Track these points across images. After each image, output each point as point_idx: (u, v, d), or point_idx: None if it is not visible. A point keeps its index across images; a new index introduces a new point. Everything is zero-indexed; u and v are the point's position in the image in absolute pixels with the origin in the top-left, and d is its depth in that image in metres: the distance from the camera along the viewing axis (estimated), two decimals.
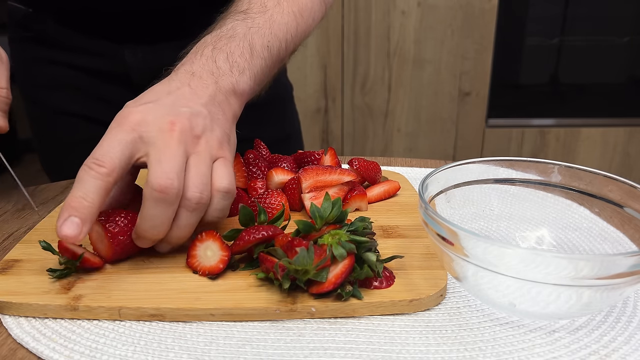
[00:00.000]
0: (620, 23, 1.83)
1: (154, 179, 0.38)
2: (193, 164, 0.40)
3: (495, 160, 0.45)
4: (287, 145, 0.84)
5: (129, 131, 0.39)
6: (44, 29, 0.71)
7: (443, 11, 1.74)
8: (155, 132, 0.40)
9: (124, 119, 0.40)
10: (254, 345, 0.35)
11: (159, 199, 0.38)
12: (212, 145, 0.42)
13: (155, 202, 0.38)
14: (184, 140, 0.40)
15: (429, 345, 0.34)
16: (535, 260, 0.32)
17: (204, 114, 0.43)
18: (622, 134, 1.87)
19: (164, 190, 0.38)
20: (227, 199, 0.42)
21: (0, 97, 0.49)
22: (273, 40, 0.53)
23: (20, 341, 0.35)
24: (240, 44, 0.49)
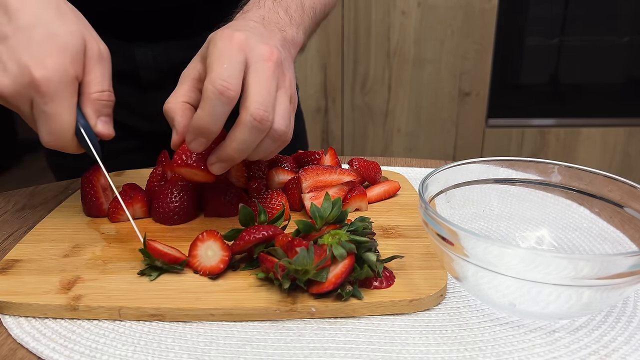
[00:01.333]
0: (620, 23, 1.83)
1: (255, 108, 0.40)
2: (281, 98, 0.43)
3: (495, 160, 0.45)
4: (292, 145, 0.84)
5: (240, 51, 0.41)
6: None
7: (443, 11, 1.74)
8: (257, 57, 0.42)
9: (231, 39, 0.42)
10: (254, 345, 0.35)
11: (254, 126, 0.40)
12: (292, 81, 0.45)
13: (251, 128, 0.40)
14: (277, 73, 0.42)
15: (429, 345, 0.34)
16: (535, 260, 0.32)
17: (285, 54, 0.45)
18: (622, 134, 1.87)
19: (262, 121, 0.40)
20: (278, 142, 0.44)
21: (103, 102, 0.45)
22: (316, 2, 0.57)
23: (20, 341, 0.35)
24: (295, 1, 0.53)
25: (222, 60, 0.40)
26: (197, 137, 0.42)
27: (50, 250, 0.44)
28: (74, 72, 0.43)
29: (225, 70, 0.40)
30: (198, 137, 0.42)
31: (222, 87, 0.39)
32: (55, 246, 0.45)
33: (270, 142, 0.43)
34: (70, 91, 0.42)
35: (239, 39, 0.42)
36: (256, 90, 0.41)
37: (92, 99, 0.44)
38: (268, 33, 0.46)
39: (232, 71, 0.40)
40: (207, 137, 0.42)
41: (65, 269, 0.41)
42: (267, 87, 0.41)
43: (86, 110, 0.44)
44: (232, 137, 0.41)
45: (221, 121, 0.41)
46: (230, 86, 0.40)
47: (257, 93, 0.40)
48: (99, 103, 0.45)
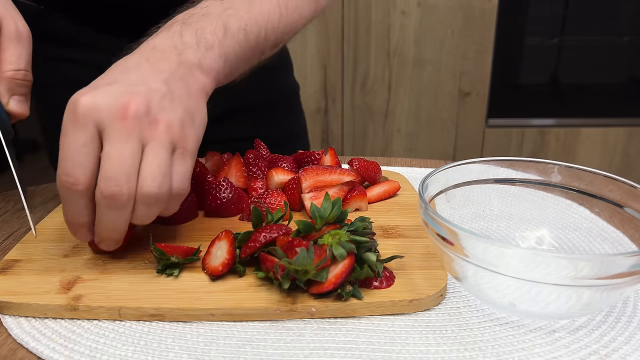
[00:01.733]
0: (620, 23, 1.83)
1: (103, 184, 0.36)
2: (151, 153, 0.37)
3: (495, 160, 0.45)
4: (294, 145, 0.84)
5: (84, 125, 0.36)
6: (55, 27, 0.71)
7: (443, 11, 1.74)
8: (108, 119, 0.37)
9: (75, 109, 0.37)
10: (254, 345, 0.35)
11: (109, 205, 0.37)
12: (173, 128, 0.39)
13: (107, 207, 0.37)
14: (139, 128, 0.37)
15: (429, 345, 0.34)
16: (535, 260, 0.32)
17: (163, 92, 0.39)
18: (622, 134, 1.87)
19: (113, 197, 0.36)
20: (176, 201, 0.40)
21: (17, 80, 0.43)
22: (251, 25, 0.49)
23: (20, 341, 0.35)
24: (213, 22, 0.46)
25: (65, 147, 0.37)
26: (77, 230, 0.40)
27: (50, 250, 0.44)
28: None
29: (68, 160, 0.37)
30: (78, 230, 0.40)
31: (66, 184, 0.37)
32: (55, 246, 0.45)
33: (145, 207, 0.38)
34: None
35: (82, 106, 0.37)
36: (105, 165, 0.36)
37: (5, 77, 0.43)
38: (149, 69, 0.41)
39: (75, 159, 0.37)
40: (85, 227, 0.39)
41: (65, 269, 0.41)
42: (117, 155, 0.36)
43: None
44: (97, 219, 0.38)
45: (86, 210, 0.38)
46: (74, 180, 0.37)
47: (104, 168, 0.36)
48: (12, 81, 0.44)
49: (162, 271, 0.41)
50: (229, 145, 0.65)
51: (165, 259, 0.40)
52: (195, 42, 0.44)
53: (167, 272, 0.40)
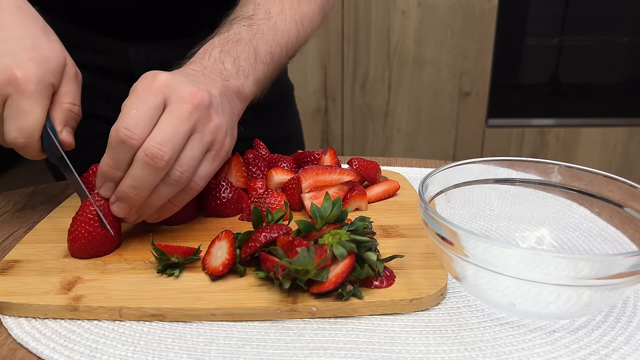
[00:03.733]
0: (620, 23, 1.83)
1: (150, 144, 0.40)
2: (193, 142, 0.42)
3: (495, 160, 0.45)
4: (288, 145, 0.84)
5: (158, 94, 0.41)
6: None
7: (443, 11, 1.74)
8: (176, 98, 0.41)
9: (151, 81, 0.42)
10: (254, 345, 0.35)
11: (146, 163, 0.40)
12: (219, 131, 0.44)
13: (143, 165, 0.40)
14: (196, 116, 0.42)
15: (429, 345, 0.34)
16: (535, 260, 0.32)
17: (219, 100, 0.45)
18: (622, 134, 1.87)
19: (153, 158, 0.39)
20: (188, 194, 0.44)
21: (71, 114, 0.47)
22: (275, 47, 0.54)
23: (20, 341, 0.35)
24: (246, 49, 0.51)
25: (133, 105, 0.41)
26: (104, 182, 0.43)
27: (50, 250, 0.44)
28: (52, 80, 0.45)
29: (132, 117, 0.40)
30: (105, 182, 0.42)
31: (124, 136, 0.40)
32: (56, 246, 0.45)
33: (165, 187, 0.41)
34: (46, 94, 0.44)
35: (160, 80, 0.42)
36: (159, 129, 0.40)
37: (63, 108, 0.47)
38: (205, 80, 0.46)
39: (140, 118, 0.40)
40: (114, 182, 0.42)
41: (66, 269, 0.41)
42: (173, 127, 0.40)
43: (55, 117, 0.46)
44: (127, 173, 0.41)
45: (125, 166, 0.41)
46: (133, 135, 0.40)
47: (159, 132, 0.40)
48: (68, 113, 0.47)
49: (162, 271, 0.41)
50: None
51: (165, 259, 0.40)
52: (236, 71, 0.49)
53: (168, 272, 0.40)
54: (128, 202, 0.42)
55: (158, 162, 0.40)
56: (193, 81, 0.44)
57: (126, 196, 0.41)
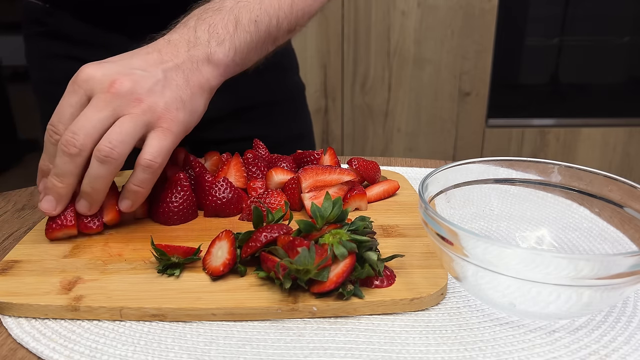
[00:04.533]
0: (620, 23, 1.83)
1: (65, 134, 0.43)
2: (118, 123, 0.43)
3: (495, 160, 0.45)
4: (298, 145, 0.85)
5: (77, 90, 0.44)
6: (60, 24, 0.71)
7: (443, 11, 1.74)
8: (97, 89, 0.43)
9: (76, 76, 0.44)
10: (254, 345, 0.35)
11: (62, 151, 0.43)
12: (155, 109, 0.44)
13: (60, 153, 0.43)
14: (117, 102, 0.43)
15: (429, 345, 0.34)
16: (535, 260, 0.32)
17: (158, 78, 0.45)
18: (622, 134, 1.87)
19: (66, 145, 0.42)
20: (146, 173, 0.45)
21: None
22: (262, 16, 0.53)
23: (20, 341, 0.35)
24: (225, 17, 0.51)
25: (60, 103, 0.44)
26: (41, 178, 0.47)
27: (50, 250, 0.44)
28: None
29: (56, 114, 0.44)
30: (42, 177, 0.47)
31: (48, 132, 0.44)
32: (55, 247, 0.45)
33: (97, 163, 0.43)
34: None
35: (82, 75, 0.44)
36: (76, 120, 0.43)
37: None
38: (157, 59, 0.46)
39: (62, 115, 0.44)
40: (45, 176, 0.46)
41: (66, 270, 0.41)
42: (88, 115, 0.43)
43: None
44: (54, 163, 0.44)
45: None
46: (57, 130, 0.44)
47: (75, 122, 0.43)
48: None
49: (162, 271, 0.41)
50: (237, 145, 0.65)
51: (165, 259, 0.40)
52: (207, 38, 0.49)
53: (168, 272, 0.40)
54: (54, 193, 0.44)
55: (71, 148, 0.42)
56: (126, 66, 0.45)
57: (52, 185, 0.44)
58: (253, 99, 0.78)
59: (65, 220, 0.45)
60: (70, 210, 0.46)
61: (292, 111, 0.86)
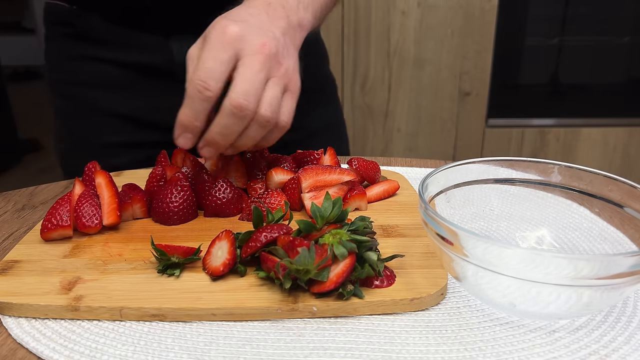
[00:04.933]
0: (620, 23, 1.83)
1: (235, 96, 0.44)
2: (271, 86, 0.46)
3: (495, 160, 0.45)
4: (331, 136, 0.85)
5: (229, 48, 0.44)
6: (88, 25, 0.70)
7: (443, 11, 1.74)
8: (249, 51, 0.45)
9: (223, 33, 0.45)
10: (254, 345, 0.35)
11: (233, 113, 0.44)
12: (289, 72, 0.48)
13: (230, 115, 0.44)
14: (269, 64, 0.45)
15: (429, 345, 0.34)
16: (535, 260, 0.32)
17: (283, 42, 0.48)
18: (622, 134, 1.87)
19: (239, 107, 0.44)
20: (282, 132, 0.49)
21: None
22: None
23: (20, 341, 0.35)
24: None
25: (208, 59, 0.44)
26: (183, 133, 0.47)
27: (50, 250, 0.44)
28: None
29: (207, 69, 0.44)
30: (184, 133, 0.47)
31: (200, 87, 0.44)
32: (55, 247, 0.45)
33: (257, 127, 0.46)
34: None
35: (231, 33, 0.44)
36: (239, 81, 0.44)
37: None
38: (269, 21, 0.48)
39: (213, 71, 0.44)
40: (192, 133, 0.47)
41: (66, 270, 0.41)
42: (251, 77, 0.44)
43: None
44: (215, 122, 0.45)
45: (203, 116, 0.45)
46: (208, 86, 0.44)
47: (239, 83, 0.44)
48: None
49: (162, 271, 0.41)
50: None
51: (165, 259, 0.40)
52: (297, 4, 0.51)
53: (168, 272, 0.40)
54: (216, 147, 0.47)
55: (244, 111, 0.44)
56: (260, 28, 0.46)
57: (215, 142, 0.46)
58: None
59: (61, 221, 0.45)
60: (66, 210, 0.46)
61: (324, 102, 0.86)
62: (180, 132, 0.47)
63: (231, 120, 0.45)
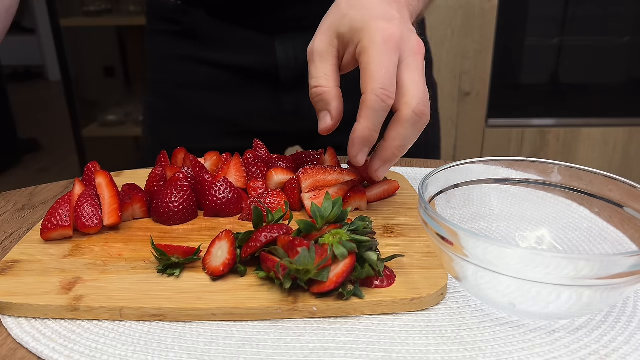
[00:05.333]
0: (620, 23, 1.83)
1: (416, 104, 0.41)
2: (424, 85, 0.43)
3: (495, 160, 0.45)
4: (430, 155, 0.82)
5: (396, 51, 0.42)
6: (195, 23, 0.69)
7: (443, 11, 1.74)
8: (409, 52, 0.43)
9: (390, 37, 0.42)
10: (254, 345, 0.35)
11: (416, 122, 0.42)
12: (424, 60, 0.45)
13: (413, 124, 0.42)
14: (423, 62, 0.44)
15: (429, 345, 0.34)
16: (535, 260, 0.32)
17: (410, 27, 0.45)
18: (622, 134, 1.87)
19: (422, 115, 0.42)
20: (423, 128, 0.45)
21: None
22: None
23: (20, 341, 0.35)
24: None
25: (382, 65, 0.41)
26: (363, 148, 0.44)
27: (50, 250, 0.44)
28: None
29: (385, 76, 0.41)
30: (364, 148, 0.44)
31: (383, 96, 0.41)
32: (55, 247, 0.45)
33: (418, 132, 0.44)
34: None
35: (395, 36, 0.42)
36: (413, 87, 0.42)
37: None
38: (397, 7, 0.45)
39: (391, 77, 0.41)
40: (370, 146, 0.44)
41: (66, 270, 0.41)
42: (422, 83, 0.42)
43: None
44: (394, 135, 0.43)
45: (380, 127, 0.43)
46: (390, 94, 0.41)
47: (415, 89, 0.42)
48: None
49: (163, 271, 0.41)
50: None
51: (165, 259, 0.40)
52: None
53: (168, 272, 0.40)
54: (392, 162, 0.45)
55: (425, 118, 0.42)
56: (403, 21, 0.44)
57: (394, 157, 0.44)
58: None
59: (61, 221, 0.45)
60: (66, 210, 0.46)
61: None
62: (361, 148, 0.44)
63: (412, 130, 0.42)
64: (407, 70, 0.42)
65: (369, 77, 0.41)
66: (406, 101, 0.41)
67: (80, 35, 2.15)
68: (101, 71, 2.31)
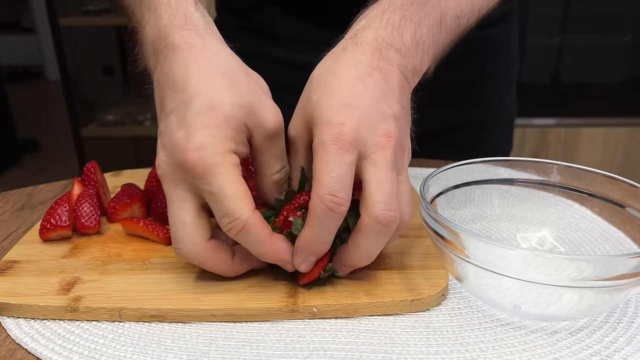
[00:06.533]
0: (621, 22, 1.83)
1: (379, 211, 0.34)
2: (403, 184, 0.37)
3: (495, 160, 0.45)
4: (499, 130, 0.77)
5: (350, 150, 0.35)
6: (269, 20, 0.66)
7: None
8: (373, 147, 0.36)
9: (339, 132, 0.35)
10: (254, 346, 0.34)
11: (381, 231, 0.35)
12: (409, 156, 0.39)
13: (378, 233, 0.35)
14: (397, 158, 0.37)
15: (430, 346, 0.34)
16: (536, 261, 0.32)
17: (402, 116, 0.38)
18: (623, 134, 1.87)
19: (389, 223, 0.35)
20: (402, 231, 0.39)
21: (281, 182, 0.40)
22: (466, 10, 0.44)
23: (19, 342, 0.35)
24: (431, 14, 0.42)
25: (327, 166, 0.35)
26: (307, 257, 0.37)
27: (49, 251, 0.44)
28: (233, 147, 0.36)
29: (332, 180, 0.34)
30: (308, 257, 0.37)
31: (331, 204, 0.34)
32: (54, 247, 0.45)
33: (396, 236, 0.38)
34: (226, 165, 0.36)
35: (349, 130, 0.35)
36: (377, 188, 0.35)
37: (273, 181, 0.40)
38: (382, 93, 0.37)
39: (340, 180, 0.34)
40: (317, 257, 0.38)
41: (65, 270, 0.41)
42: (389, 181, 0.35)
43: None
44: (356, 244, 0.36)
45: (332, 236, 0.37)
46: (341, 201, 0.34)
47: (379, 192, 0.35)
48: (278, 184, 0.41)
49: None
50: None
51: None
52: (415, 45, 0.40)
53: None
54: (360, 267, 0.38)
55: (392, 224, 0.35)
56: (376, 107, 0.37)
57: (358, 265, 0.38)
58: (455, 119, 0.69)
59: (60, 221, 0.45)
60: (65, 210, 0.46)
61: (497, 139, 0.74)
62: (304, 257, 0.37)
63: (377, 239, 0.36)
64: (371, 167, 0.35)
65: (315, 182, 0.35)
66: (367, 207, 0.35)
67: (79, 34, 2.15)
68: (100, 71, 2.31)
